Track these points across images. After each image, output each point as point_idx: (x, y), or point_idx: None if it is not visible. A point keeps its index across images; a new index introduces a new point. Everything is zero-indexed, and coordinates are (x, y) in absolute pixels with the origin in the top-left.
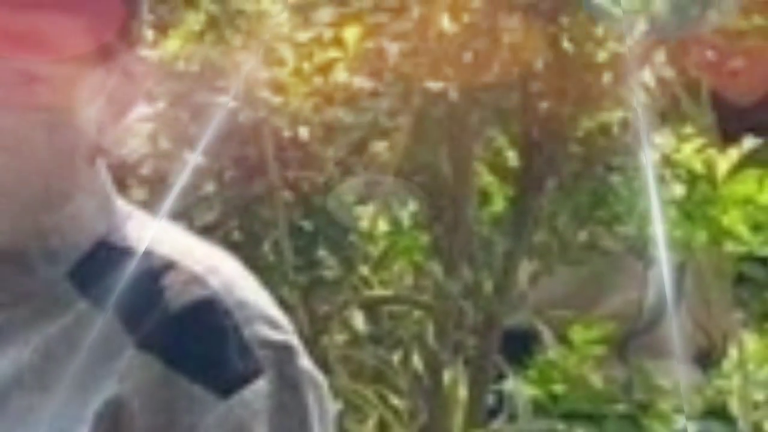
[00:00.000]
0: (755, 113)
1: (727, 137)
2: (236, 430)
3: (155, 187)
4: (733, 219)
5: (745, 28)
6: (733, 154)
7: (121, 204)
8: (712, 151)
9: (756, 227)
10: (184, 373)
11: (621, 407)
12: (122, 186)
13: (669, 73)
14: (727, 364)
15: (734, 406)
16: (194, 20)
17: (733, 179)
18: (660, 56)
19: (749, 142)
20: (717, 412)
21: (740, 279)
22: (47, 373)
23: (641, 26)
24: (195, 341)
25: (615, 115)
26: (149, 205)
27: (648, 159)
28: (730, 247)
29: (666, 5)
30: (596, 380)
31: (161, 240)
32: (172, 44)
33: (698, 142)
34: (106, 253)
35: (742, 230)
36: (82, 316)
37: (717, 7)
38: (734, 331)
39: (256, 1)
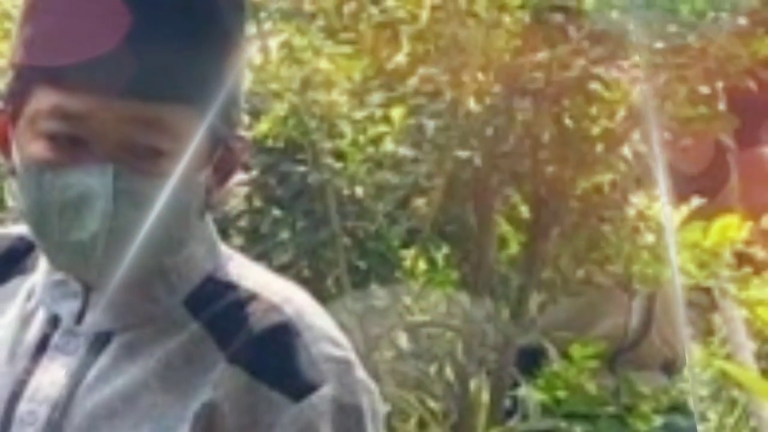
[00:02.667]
0: (700, 180)
1: (679, 198)
2: (306, 428)
3: (249, 236)
4: (684, 259)
5: (692, 115)
6: (684, 210)
7: (224, 248)
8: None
9: (701, 265)
10: (265, 382)
11: (611, 409)
12: (225, 235)
13: (643, 148)
14: (686, 371)
15: (693, 404)
16: (280, 108)
17: (684, 229)
18: (636, 135)
19: (696, 202)
20: (680, 408)
21: (689, 304)
22: (167, 378)
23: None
24: (273, 356)
25: (606, 178)
26: (244, 250)
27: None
28: (683, 279)
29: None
30: (591, 387)
31: (247, 276)
32: (263, 126)
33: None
34: (213, 286)
35: (691, 267)
36: (194, 334)
37: None
38: (688, 344)
39: (326, 92)
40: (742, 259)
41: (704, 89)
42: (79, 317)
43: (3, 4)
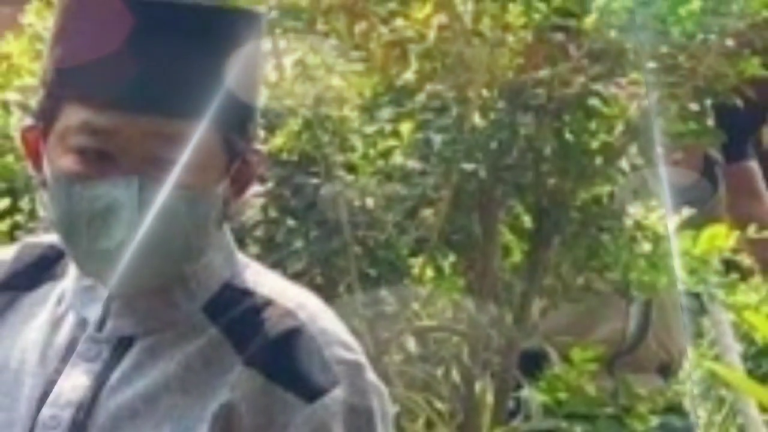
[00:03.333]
0: (690, 191)
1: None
2: (318, 428)
3: (264, 245)
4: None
5: (683, 131)
6: (675, 219)
7: (241, 257)
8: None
9: (691, 272)
10: (280, 384)
11: (609, 410)
12: (241, 244)
13: (639, 160)
14: (682, 374)
15: (687, 404)
16: (294, 123)
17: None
18: (633, 148)
19: (686, 212)
20: (675, 408)
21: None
22: (187, 381)
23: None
24: (288, 359)
25: (604, 189)
26: (260, 258)
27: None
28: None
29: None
30: (591, 389)
31: (263, 283)
32: (278, 140)
33: (661, 211)
34: (230, 293)
35: (682, 274)
36: (213, 339)
37: None
38: (687, 350)
39: (338, 108)
40: (729, 266)
41: (694, 106)
42: (102, 323)
43: (34, 27)
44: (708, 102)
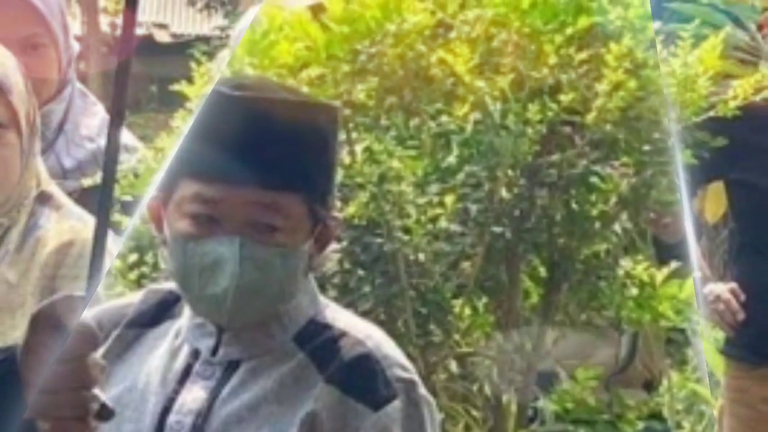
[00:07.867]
0: (677, 248)
1: (661, 263)
2: (382, 431)
3: (340, 290)
4: (665, 307)
5: (671, 200)
6: (665, 271)
7: (322, 299)
8: (653, 269)
9: (677, 312)
10: (352, 397)
11: (606, 416)
12: (323, 289)
13: (628, 224)
14: (661, 389)
15: (666, 413)
16: (363, 196)
17: (666, 285)
18: (624, 216)
19: (674, 265)
20: (656, 416)
21: (669, 341)
22: (281, 394)
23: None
24: (359, 378)
25: (602, 247)
26: (337, 300)
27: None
28: (663, 323)
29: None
30: (591, 401)
31: (339, 319)
32: (351, 209)
33: (645, 264)
34: (314, 327)
35: (670, 313)
36: (301, 362)
37: None
38: (665, 370)
39: (397, 184)
40: None
41: None
42: (214, 350)
43: (181, 128)
44: None
